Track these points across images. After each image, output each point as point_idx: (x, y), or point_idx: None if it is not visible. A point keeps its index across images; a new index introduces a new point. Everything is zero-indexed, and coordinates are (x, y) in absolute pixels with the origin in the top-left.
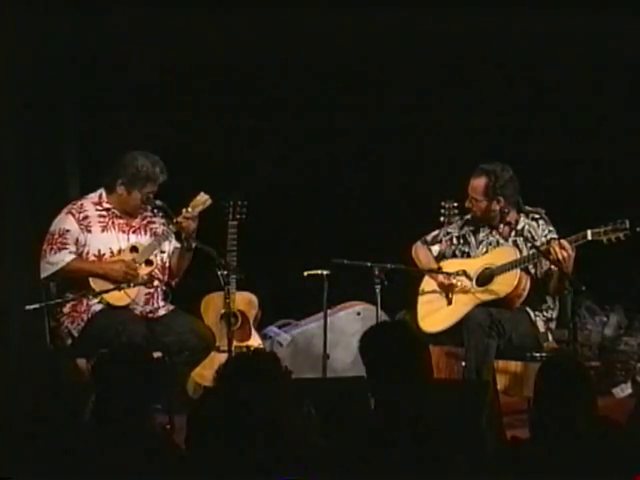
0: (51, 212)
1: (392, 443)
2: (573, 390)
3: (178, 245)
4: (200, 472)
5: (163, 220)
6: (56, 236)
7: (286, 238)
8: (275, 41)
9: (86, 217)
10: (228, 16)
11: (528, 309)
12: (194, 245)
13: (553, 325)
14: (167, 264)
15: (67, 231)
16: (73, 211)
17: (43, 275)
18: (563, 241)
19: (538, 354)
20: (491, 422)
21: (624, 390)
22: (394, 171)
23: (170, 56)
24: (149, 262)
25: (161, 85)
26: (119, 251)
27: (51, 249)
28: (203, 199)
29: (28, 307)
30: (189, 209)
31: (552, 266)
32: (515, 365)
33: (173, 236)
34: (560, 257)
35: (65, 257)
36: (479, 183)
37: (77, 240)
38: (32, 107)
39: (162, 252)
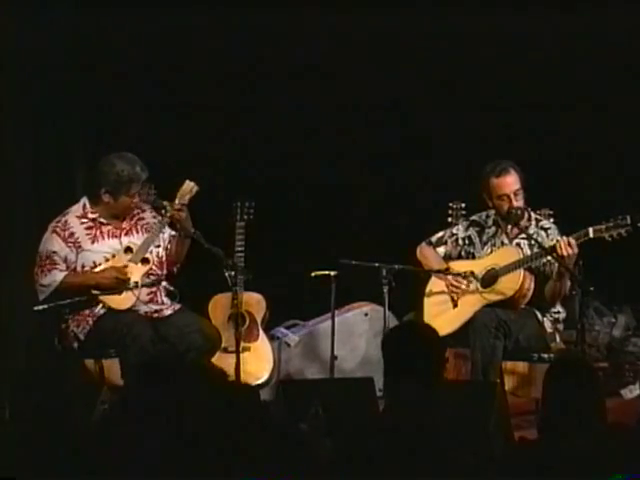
0: (58, 212)
1: (400, 444)
2: (581, 391)
3: (173, 232)
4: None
5: (153, 213)
6: (44, 258)
7: (293, 239)
8: (280, 41)
9: (72, 234)
10: (233, 15)
11: (535, 310)
12: (192, 232)
13: (561, 326)
14: (163, 258)
15: (54, 252)
16: (58, 230)
17: (40, 298)
18: (570, 238)
19: (546, 355)
20: (499, 423)
21: (632, 391)
22: (401, 171)
23: (174, 56)
24: (145, 260)
25: (166, 85)
26: (114, 256)
27: (42, 272)
28: (189, 187)
29: (36, 308)
30: (177, 200)
31: (561, 268)
32: (523, 366)
33: (167, 226)
34: (565, 254)
35: (56, 277)
36: (511, 180)
37: (66, 258)
38: (37, 108)
39: (157, 246)
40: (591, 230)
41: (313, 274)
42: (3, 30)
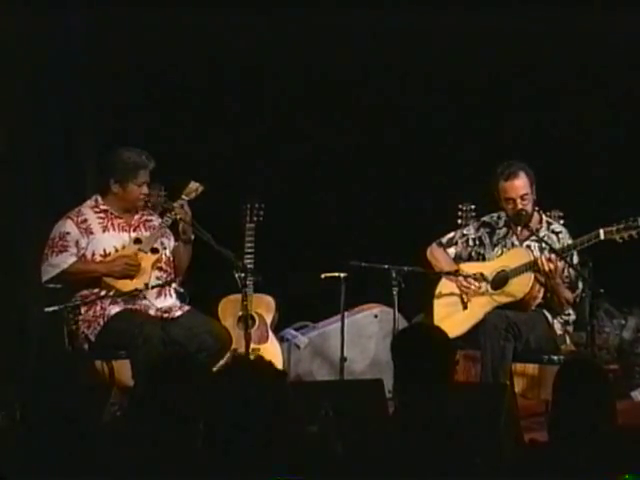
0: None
1: (410, 445)
2: (591, 393)
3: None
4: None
5: (160, 220)
6: (56, 239)
7: (303, 240)
8: (291, 43)
9: (85, 220)
10: (247, 17)
11: (546, 312)
12: (193, 237)
13: (571, 328)
14: (171, 258)
15: (67, 234)
16: (72, 216)
17: (45, 278)
18: (551, 254)
19: (556, 357)
20: (509, 425)
21: None
22: (411, 172)
23: (187, 56)
24: (155, 250)
25: (177, 85)
26: (123, 247)
27: (52, 252)
28: (194, 187)
29: (47, 309)
30: (183, 196)
31: (549, 281)
32: (533, 368)
33: (172, 236)
34: (547, 269)
35: (67, 259)
36: (519, 184)
37: (77, 242)
38: (49, 108)
39: (164, 248)
40: (602, 232)
41: (323, 276)
42: (9, 29)
